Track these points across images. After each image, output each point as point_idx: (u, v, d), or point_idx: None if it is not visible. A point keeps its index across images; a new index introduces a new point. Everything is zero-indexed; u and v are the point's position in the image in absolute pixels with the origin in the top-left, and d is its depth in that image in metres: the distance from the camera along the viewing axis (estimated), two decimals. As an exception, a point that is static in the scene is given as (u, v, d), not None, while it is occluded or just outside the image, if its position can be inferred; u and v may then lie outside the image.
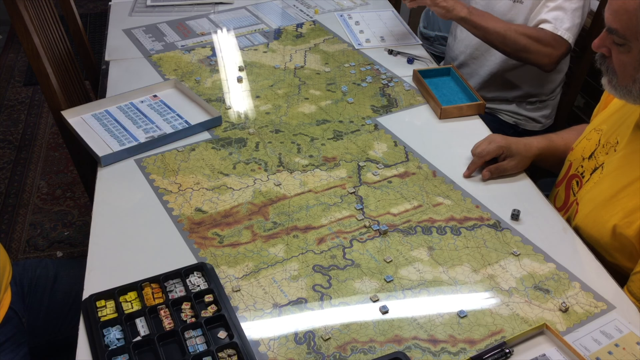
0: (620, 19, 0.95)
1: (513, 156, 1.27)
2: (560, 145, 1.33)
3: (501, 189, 1.26)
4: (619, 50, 0.99)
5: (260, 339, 0.94)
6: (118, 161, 1.30)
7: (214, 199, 1.21)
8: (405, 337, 0.95)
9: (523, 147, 1.27)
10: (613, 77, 1.03)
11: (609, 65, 1.03)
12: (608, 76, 1.04)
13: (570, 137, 1.34)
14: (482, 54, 1.78)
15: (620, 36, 0.96)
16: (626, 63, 0.99)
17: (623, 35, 0.96)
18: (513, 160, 1.27)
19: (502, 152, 1.26)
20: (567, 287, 1.03)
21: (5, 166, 2.66)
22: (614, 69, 1.02)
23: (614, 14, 0.96)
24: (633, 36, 0.95)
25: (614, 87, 1.04)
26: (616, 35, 0.97)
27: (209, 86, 1.58)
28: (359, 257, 1.09)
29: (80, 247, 2.24)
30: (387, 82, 1.61)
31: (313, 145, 1.37)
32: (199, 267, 1.04)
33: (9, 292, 1.21)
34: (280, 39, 1.83)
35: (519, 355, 0.92)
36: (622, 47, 0.98)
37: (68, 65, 1.74)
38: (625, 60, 0.99)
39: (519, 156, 1.27)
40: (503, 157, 1.27)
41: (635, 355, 0.91)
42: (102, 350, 0.90)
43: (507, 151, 1.26)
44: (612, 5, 0.97)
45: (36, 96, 3.14)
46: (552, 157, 1.33)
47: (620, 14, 0.95)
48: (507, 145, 1.26)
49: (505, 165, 1.27)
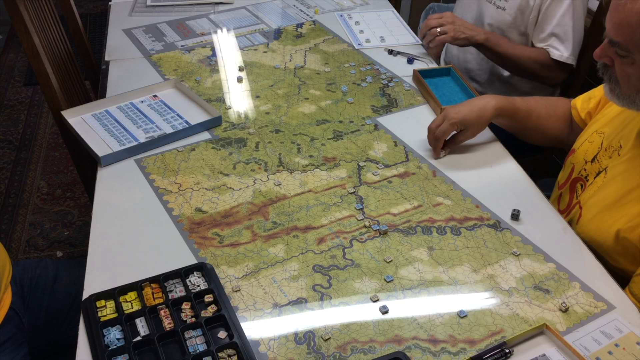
0: (622, 32, 0.95)
1: (467, 128, 1.30)
2: (520, 109, 1.32)
3: (501, 189, 1.26)
4: (622, 61, 0.98)
5: (260, 339, 0.94)
6: (118, 161, 1.30)
7: (214, 199, 1.21)
8: (405, 337, 0.95)
9: (477, 115, 1.28)
10: (616, 86, 1.02)
11: (612, 74, 1.02)
12: (610, 85, 1.04)
13: (536, 106, 1.34)
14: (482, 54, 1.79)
15: (624, 49, 0.96)
16: (630, 74, 0.98)
17: (626, 48, 0.96)
18: (468, 131, 1.30)
19: (457, 127, 1.29)
20: (567, 287, 1.03)
21: (5, 166, 2.66)
22: (617, 78, 1.01)
23: (617, 27, 0.95)
24: (636, 48, 0.95)
25: (617, 96, 1.03)
26: (619, 47, 0.97)
27: (209, 86, 1.58)
28: (359, 257, 1.09)
29: (80, 247, 2.24)
30: (387, 82, 1.61)
31: (313, 145, 1.37)
32: (199, 267, 1.04)
33: (9, 292, 1.21)
34: (280, 39, 1.83)
35: (519, 355, 0.92)
36: (625, 58, 0.97)
37: (68, 65, 1.74)
38: (629, 72, 0.98)
39: (474, 126, 1.30)
40: (458, 130, 1.30)
41: (635, 355, 0.91)
42: (102, 350, 0.90)
43: (461, 125, 1.29)
44: (614, 18, 0.96)
45: (36, 96, 3.14)
46: (510, 119, 1.32)
47: (623, 27, 0.94)
48: (461, 121, 1.28)
49: (461, 139, 1.32)
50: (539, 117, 1.34)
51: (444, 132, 1.28)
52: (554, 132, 1.36)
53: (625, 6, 0.93)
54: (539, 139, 1.40)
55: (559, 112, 1.36)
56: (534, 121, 1.34)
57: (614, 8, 0.96)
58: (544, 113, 1.35)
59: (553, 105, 1.37)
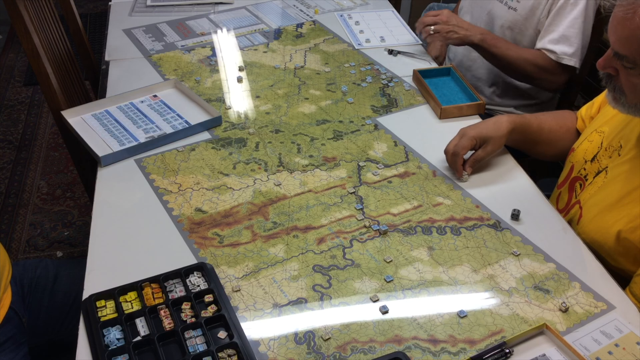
0: (630, 46, 0.94)
1: (487, 141, 1.25)
2: (533, 123, 1.30)
3: (501, 189, 1.25)
4: (628, 72, 0.98)
5: (260, 339, 0.94)
6: (118, 161, 1.30)
7: (214, 199, 1.21)
8: (405, 337, 0.95)
9: (493, 128, 1.25)
10: (621, 95, 1.02)
11: (616, 84, 1.02)
12: (615, 94, 1.03)
13: (546, 120, 1.33)
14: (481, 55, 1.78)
15: (630, 61, 0.95)
16: (637, 84, 0.98)
17: (633, 61, 0.95)
18: (488, 146, 1.26)
19: (476, 142, 1.25)
20: (567, 287, 1.03)
21: (5, 166, 2.66)
22: (622, 88, 1.01)
23: (624, 41, 0.94)
24: None
25: (622, 104, 1.03)
26: (626, 60, 0.96)
27: (209, 86, 1.58)
28: (359, 257, 1.09)
29: (80, 247, 2.24)
30: (387, 82, 1.61)
31: (313, 145, 1.37)
32: (199, 267, 1.04)
33: (9, 292, 1.21)
34: (280, 39, 1.83)
35: (519, 355, 0.92)
36: (632, 70, 0.97)
37: (68, 65, 1.74)
38: (635, 82, 0.98)
39: (492, 139, 1.25)
40: (477, 146, 1.26)
41: (635, 355, 0.91)
42: (102, 350, 0.90)
43: (480, 139, 1.25)
44: (621, 32, 0.95)
45: (36, 96, 3.14)
46: (523, 136, 1.30)
47: (631, 41, 0.93)
48: (478, 135, 1.24)
49: (482, 154, 1.26)
50: (550, 130, 1.33)
51: (463, 147, 1.24)
52: (565, 143, 1.34)
53: (632, 20, 0.92)
54: (552, 152, 1.37)
55: (568, 123, 1.36)
56: (546, 134, 1.33)
57: (618, 22, 0.94)
58: (554, 125, 1.34)
59: (561, 117, 1.36)
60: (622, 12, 0.93)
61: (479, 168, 1.29)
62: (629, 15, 0.92)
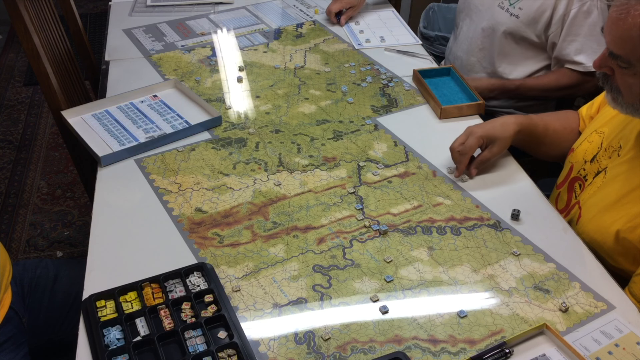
0: (624, 46, 0.95)
1: (494, 142, 1.24)
2: (539, 125, 1.30)
3: (501, 189, 1.25)
4: (623, 72, 0.98)
5: (260, 339, 0.94)
6: (118, 161, 1.30)
7: (214, 199, 1.21)
8: (405, 337, 0.95)
9: (500, 129, 1.24)
10: (618, 95, 1.02)
11: (613, 84, 1.02)
12: (612, 94, 1.04)
13: (551, 120, 1.33)
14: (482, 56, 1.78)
15: (625, 61, 0.96)
16: (632, 84, 0.99)
17: (628, 61, 0.96)
18: (494, 147, 1.24)
19: (483, 141, 1.24)
20: (567, 287, 1.03)
21: (5, 166, 2.66)
22: (619, 88, 1.01)
23: (618, 40, 0.95)
24: (638, 61, 0.95)
25: (620, 104, 1.03)
26: (620, 60, 0.97)
27: (209, 86, 1.58)
28: (359, 257, 1.09)
29: (80, 247, 2.24)
30: (387, 82, 1.61)
31: (313, 145, 1.37)
32: (199, 267, 1.04)
33: (9, 292, 1.21)
34: (280, 39, 1.83)
35: (519, 355, 0.92)
36: (627, 69, 0.97)
37: (68, 65, 1.74)
38: (630, 82, 0.98)
39: (499, 140, 1.24)
40: (484, 146, 1.25)
41: (635, 355, 0.91)
42: (102, 350, 0.90)
43: (487, 139, 1.24)
44: (615, 32, 0.95)
45: (36, 96, 3.14)
46: (528, 137, 1.29)
47: (625, 41, 0.94)
48: (486, 134, 1.23)
49: (488, 155, 1.25)
50: (555, 131, 1.33)
51: (470, 147, 1.22)
52: (569, 144, 1.33)
53: (626, 20, 0.92)
54: (555, 153, 1.37)
55: (572, 124, 1.35)
56: (552, 135, 1.32)
57: (613, 22, 0.95)
58: (559, 126, 1.34)
59: (565, 118, 1.36)
60: (616, 12, 0.94)
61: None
62: (622, 15, 0.93)
